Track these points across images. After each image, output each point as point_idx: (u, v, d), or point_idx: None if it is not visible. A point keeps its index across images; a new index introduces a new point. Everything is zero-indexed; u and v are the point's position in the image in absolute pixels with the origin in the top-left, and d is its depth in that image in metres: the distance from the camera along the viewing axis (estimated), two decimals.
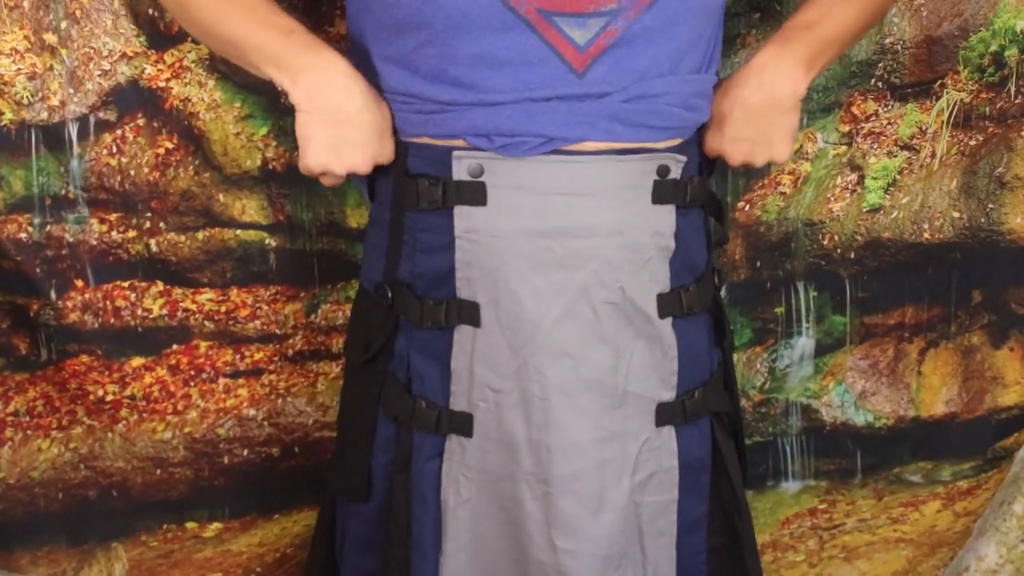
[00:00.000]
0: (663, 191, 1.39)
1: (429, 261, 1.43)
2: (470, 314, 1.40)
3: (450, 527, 1.46)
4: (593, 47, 1.31)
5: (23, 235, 1.81)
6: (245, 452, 2.01)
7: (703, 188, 1.46)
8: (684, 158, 1.40)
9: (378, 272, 1.50)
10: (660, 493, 1.46)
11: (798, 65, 1.45)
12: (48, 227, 1.82)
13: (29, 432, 1.94)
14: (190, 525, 2.05)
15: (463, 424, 1.44)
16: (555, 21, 1.30)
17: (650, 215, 1.39)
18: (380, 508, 1.55)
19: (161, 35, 1.75)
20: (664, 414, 1.45)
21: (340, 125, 1.36)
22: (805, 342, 2.02)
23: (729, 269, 1.97)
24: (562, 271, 1.37)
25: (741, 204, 1.94)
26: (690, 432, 1.48)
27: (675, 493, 1.47)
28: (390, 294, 1.47)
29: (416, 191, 1.40)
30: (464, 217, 1.38)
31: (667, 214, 1.41)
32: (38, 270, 1.83)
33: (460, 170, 1.37)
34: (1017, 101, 1.90)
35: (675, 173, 1.39)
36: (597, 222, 1.36)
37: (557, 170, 1.35)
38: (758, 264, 1.97)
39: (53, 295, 1.85)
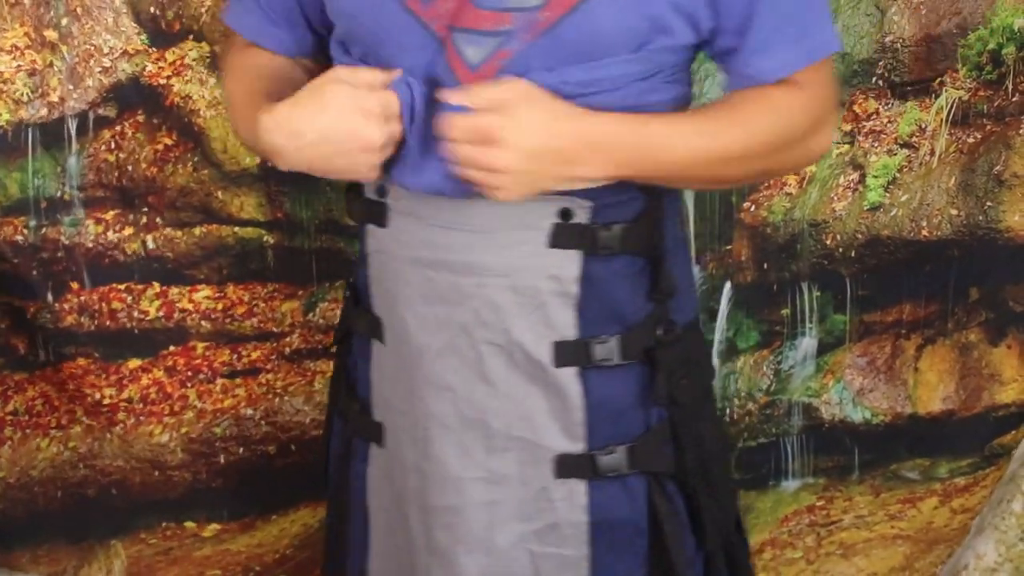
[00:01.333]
0: (563, 235, 1.30)
1: (361, 270, 1.42)
2: (377, 329, 1.39)
3: (374, 528, 1.46)
4: (485, 67, 1.23)
5: (19, 238, 1.81)
6: (242, 451, 2.01)
7: (635, 236, 1.33)
8: (589, 203, 1.29)
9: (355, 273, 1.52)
10: (563, 546, 1.39)
11: (611, 170, 1.28)
12: (44, 230, 1.81)
13: (28, 431, 1.94)
14: (189, 524, 2.04)
15: (377, 433, 1.42)
16: (455, 38, 1.23)
17: (545, 258, 1.30)
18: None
19: (162, 33, 1.76)
20: (567, 466, 1.37)
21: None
22: (808, 342, 2.02)
23: (735, 271, 1.97)
24: (445, 304, 1.32)
25: (747, 205, 1.94)
26: (612, 489, 1.39)
27: (584, 549, 1.38)
28: (348, 293, 1.47)
29: (349, 203, 1.40)
30: (372, 235, 1.36)
31: (568, 259, 1.31)
32: (34, 273, 1.83)
33: (369, 188, 1.34)
34: (1015, 99, 1.91)
35: (580, 217, 1.30)
36: (482, 261, 1.30)
37: (447, 203, 1.28)
38: (765, 266, 1.98)
39: (50, 298, 1.85)
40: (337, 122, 1.22)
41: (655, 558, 1.41)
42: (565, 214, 1.29)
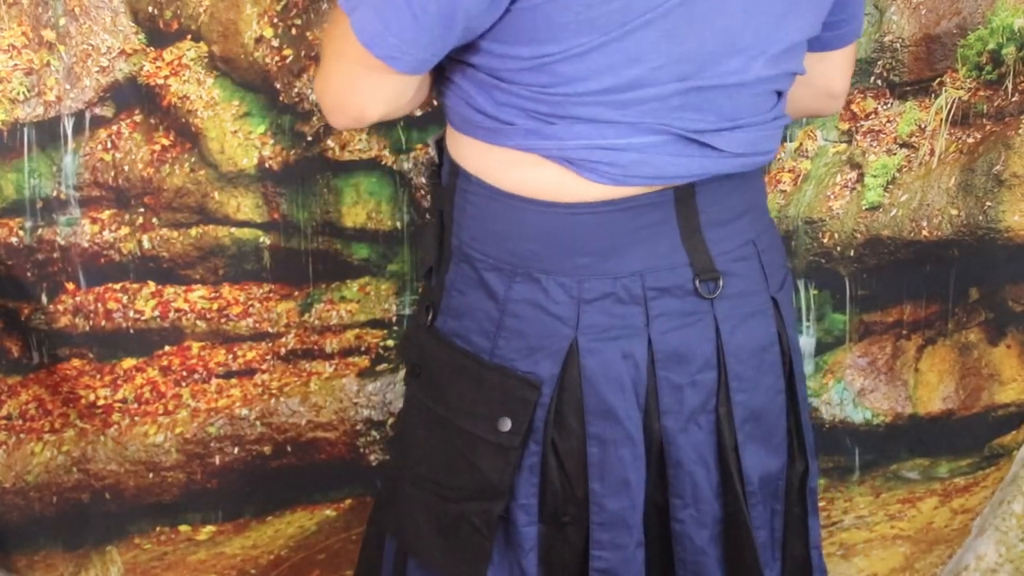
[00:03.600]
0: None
1: None
2: None
3: None
4: None
5: (14, 239, 1.80)
6: (237, 452, 2.00)
7: (436, 202, 1.39)
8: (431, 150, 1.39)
9: None
10: None
11: None
12: (39, 231, 1.80)
13: (22, 436, 1.93)
14: (183, 528, 2.03)
15: None
16: None
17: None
18: None
19: (160, 32, 1.75)
20: None
21: None
22: (806, 341, 2.02)
23: None
24: None
25: None
26: None
27: None
28: None
29: None
30: None
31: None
32: (29, 274, 1.82)
33: None
34: (1014, 99, 1.91)
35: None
36: None
37: None
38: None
39: (44, 299, 1.84)
40: None
41: None
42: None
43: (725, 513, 1.34)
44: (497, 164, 1.26)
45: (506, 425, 1.29)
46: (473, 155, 1.28)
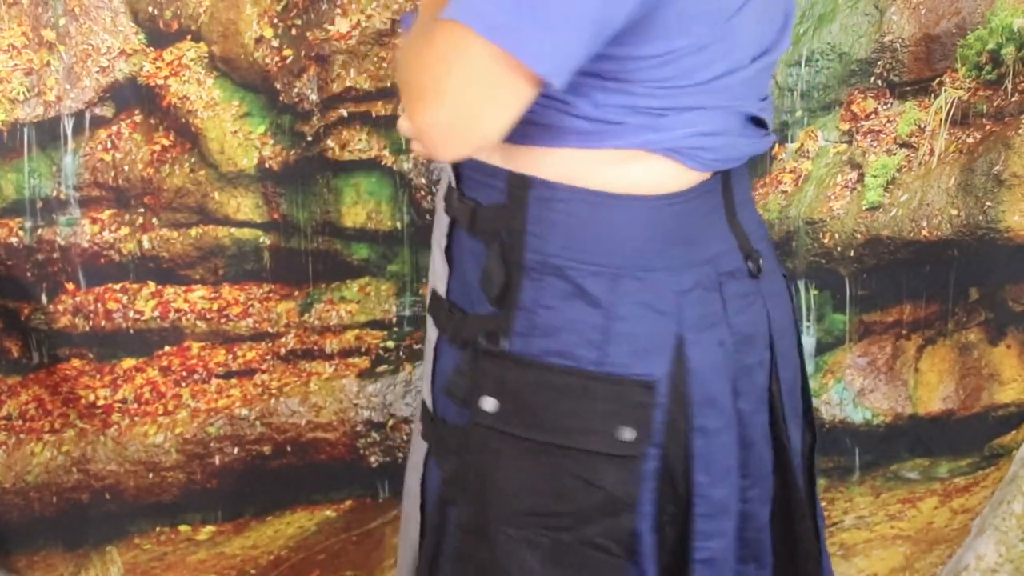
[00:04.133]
0: (448, 195, 1.32)
1: None
2: None
3: None
4: None
5: (14, 239, 1.80)
6: (237, 452, 2.00)
7: (482, 222, 1.29)
8: (453, 169, 1.30)
9: None
10: None
11: None
12: (39, 231, 1.80)
13: (22, 436, 1.93)
14: (183, 528, 2.03)
15: None
16: None
17: (443, 206, 1.34)
18: None
19: (160, 33, 1.75)
20: (423, 418, 1.40)
21: None
22: (806, 341, 2.02)
23: None
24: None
25: None
26: (431, 466, 1.39)
27: None
28: None
29: None
30: None
31: (443, 217, 1.32)
32: (29, 274, 1.82)
33: None
34: (1014, 99, 1.91)
35: (454, 181, 1.31)
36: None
37: None
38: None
39: (44, 299, 1.84)
40: None
41: None
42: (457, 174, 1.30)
43: (777, 489, 1.35)
44: (594, 166, 1.23)
45: (628, 434, 1.25)
46: (558, 162, 1.24)
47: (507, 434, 1.28)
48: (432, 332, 1.35)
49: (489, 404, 1.28)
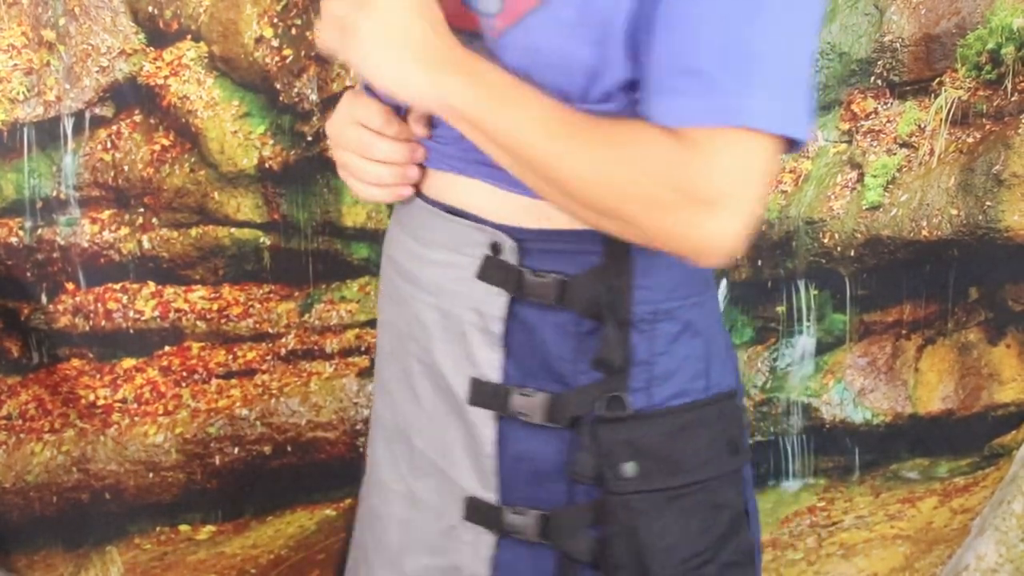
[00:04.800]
0: (492, 269, 1.21)
1: None
2: None
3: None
4: None
5: (14, 239, 1.80)
6: (237, 452, 2.00)
7: (578, 292, 1.22)
8: (513, 241, 1.19)
9: None
10: None
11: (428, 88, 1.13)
12: (39, 231, 1.80)
13: (22, 436, 1.93)
14: (183, 528, 2.03)
15: None
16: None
17: (472, 288, 1.22)
18: None
19: (160, 32, 1.74)
20: (476, 512, 1.27)
21: None
22: (806, 340, 2.02)
23: (730, 268, 1.97)
24: (395, 307, 1.28)
25: None
26: (519, 553, 1.28)
27: None
28: None
29: None
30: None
31: (493, 296, 1.22)
32: (29, 274, 1.82)
33: None
34: (1014, 99, 1.91)
35: (508, 256, 1.20)
36: (418, 272, 1.25)
37: (413, 207, 1.25)
38: (759, 263, 1.98)
39: (44, 299, 1.84)
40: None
41: None
42: (495, 248, 1.20)
43: None
44: None
45: (736, 449, 1.25)
46: None
47: (651, 491, 1.23)
48: (485, 424, 1.24)
49: (630, 469, 1.22)
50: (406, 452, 1.30)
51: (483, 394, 1.22)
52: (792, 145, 1.06)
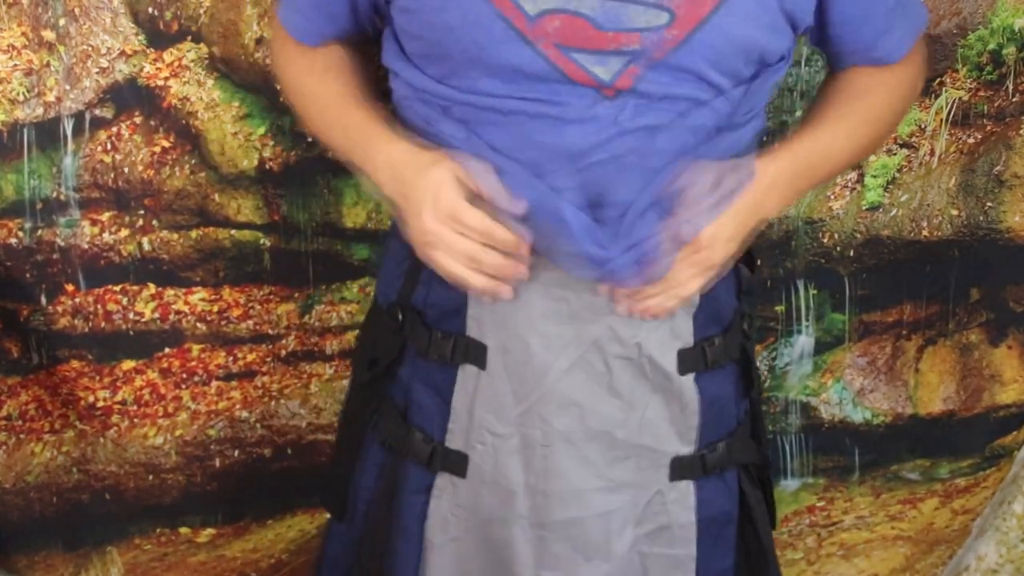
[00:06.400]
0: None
1: (444, 292, 1.38)
2: (477, 355, 1.38)
3: (433, 564, 1.45)
4: (618, 82, 1.25)
5: (13, 240, 1.80)
6: (237, 454, 2.00)
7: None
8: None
9: (394, 291, 1.47)
10: (673, 547, 1.44)
11: (788, 201, 1.44)
12: (39, 232, 1.80)
13: (22, 436, 1.93)
14: (183, 530, 2.03)
15: (458, 464, 1.42)
16: (575, 57, 1.24)
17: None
18: (358, 534, 1.55)
19: (161, 33, 1.74)
20: (680, 468, 1.43)
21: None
22: (805, 340, 2.02)
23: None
24: (575, 323, 1.34)
25: None
26: (714, 485, 1.46)
27: (692, 549, 1.45)
28: (400, 317, 1.44)
29: None
30: None
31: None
32: (28, 275, 1.82)
33: None
34: (1015, 99, 1.90)
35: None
36: None
37: None
38: (758, 262, 1.97)
39: (44, 300, 1.84)
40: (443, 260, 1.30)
41: (741, 545, 1.51)
42: None
43: None
44: None
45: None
46: None
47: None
48: (688, 386, 1.42)
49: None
50: (604, 448, 1.39)
51: (688, 360, 1.39)
52: None
